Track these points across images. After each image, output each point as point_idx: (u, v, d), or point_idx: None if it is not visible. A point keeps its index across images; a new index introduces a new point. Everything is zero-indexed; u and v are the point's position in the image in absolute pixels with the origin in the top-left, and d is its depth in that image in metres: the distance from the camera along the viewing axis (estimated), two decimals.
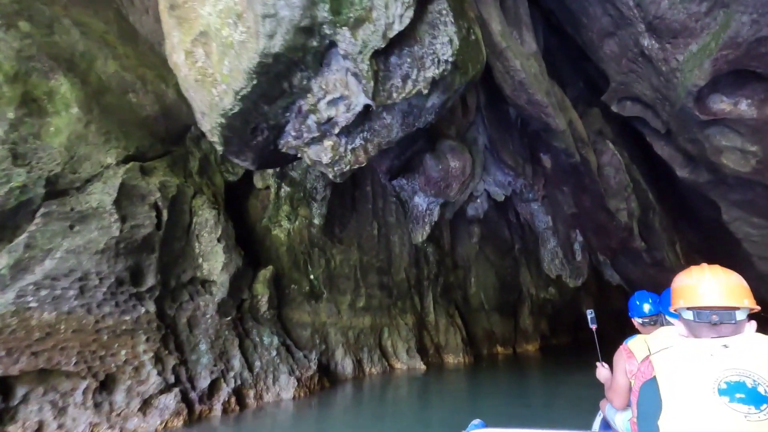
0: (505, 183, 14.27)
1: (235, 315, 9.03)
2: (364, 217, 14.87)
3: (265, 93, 4.86)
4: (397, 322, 14.50)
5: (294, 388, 9.05)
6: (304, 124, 5.37)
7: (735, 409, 1.34)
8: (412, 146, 9.81)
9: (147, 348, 6.92)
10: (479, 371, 14.69)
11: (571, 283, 16.13)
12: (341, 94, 5.05)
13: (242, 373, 8.44)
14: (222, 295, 8.72)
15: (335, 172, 5.86)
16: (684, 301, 1.69)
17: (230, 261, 9.01)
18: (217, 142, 5.48)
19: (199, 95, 5.02)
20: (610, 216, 13.34)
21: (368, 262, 14.41)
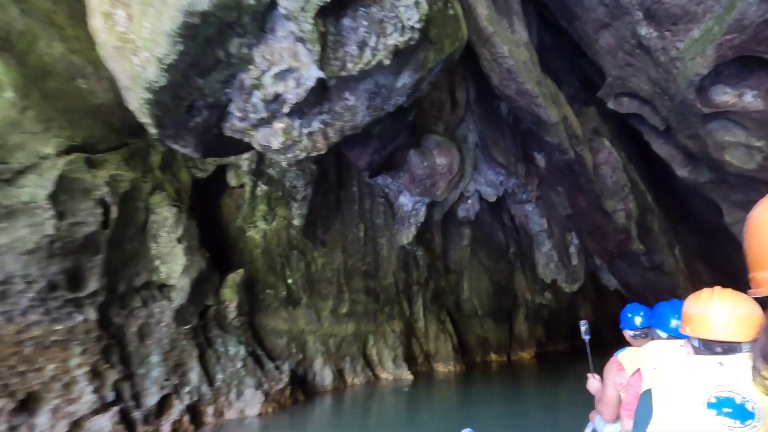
0: (496, 182, 13.40)
1: (197, 323, 8.13)
2: (350, 218, 14.00)
3: (196, 62, 4.03)
4: (383, 329, 13.60)
5: (261, 404, 8.14)
6: (248, 103, 4.53)
7: (721, 421, 1.39)
8: (393, 140, 8.96)
9: (82, 361, 6.03)
10: (470, 381, 13.75)
11: (567, 287, 15.23)
12: (289, 66, 4.21)
13: (200, 387, 7.54)
14: (181, 301, 7.83)
15: (289, 160, 5.01)
16: (691, 329, 1.68)
17: (192, 263, 8.13)
18: (149, 123, 4.65)
19: (120, 65, 4.18)
20: (606, 217, 12.45)
21: (353, 265, 13.53)
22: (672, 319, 2.57)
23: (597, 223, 12.89)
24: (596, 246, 13.48)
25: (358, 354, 12.29)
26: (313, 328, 11.31)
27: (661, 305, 2.74)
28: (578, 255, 14.84)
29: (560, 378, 15.45)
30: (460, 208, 14.31)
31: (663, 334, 2.59)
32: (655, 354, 2.25)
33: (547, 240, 15.51)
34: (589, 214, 13.12)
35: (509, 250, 20.11)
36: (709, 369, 1.50)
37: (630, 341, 3.15)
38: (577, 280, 15.06)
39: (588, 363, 3.69)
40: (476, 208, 14.43)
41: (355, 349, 12.22)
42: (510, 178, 13.07)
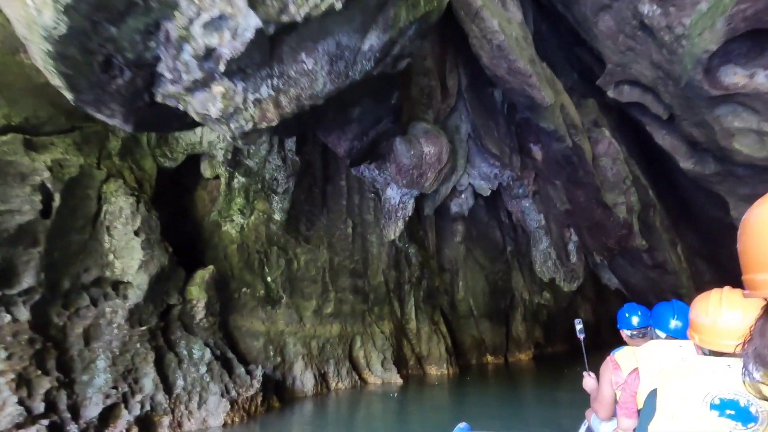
0: (490, 175, 12.54)
1: (156, 324, 7.30)
2: (337, 214, 13.16)
3: (103, 4, 3.24)
4: (372, 331, 12.75)
5: (226, 412, 7.29)
6: (179, 60, 3.72)
7: (723, 423, 1.39)
8: (376, 125, 8.13)
9: (6, 368, 5.20)
10: (463, 384, 12.88)
11: (565, 287, 14.37)
12: (221, 12, 3.39)
13: (155, 395, 6.69)
14: (137, 300, 6.99)
15: (234, 132, 4.18)
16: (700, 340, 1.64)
17: (151, 258, 7.30)
18: (61, 85, 3.83)
19: (13, 10, 3.38)
20: (607, 212, 11.59)
21: (340, 263, 12.69)
22: (672, 320, 2.54)
23: (596, 219, 12.02)
24: (596, 243, 12.61)
25: (344, 357, 11.43)
26: (294, 329, 10.46)
27: (661, 305, 2.71)
28: (577, 252, 13.97)
29: (558, 380, 14.56)
30: (453, 203, 13.45)
31: (662, 334, 2.56)
32: (654, 354, 2.23)
33: (545, 237, 14.65)
34: (588, 209, 12.25)
35: (506, 248, 19.25)
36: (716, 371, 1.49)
37: (627, 341, 3.09)
38: (576, 278, 14.19)
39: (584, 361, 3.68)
40: (470, 204, 13.57)
41: (340, 351, 11.36)
42: (504, 171, 12.22)
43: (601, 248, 12.50)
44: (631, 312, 3.14)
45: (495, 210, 19.31)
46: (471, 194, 13.49)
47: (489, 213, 18.97)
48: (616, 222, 11.45)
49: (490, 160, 11.94)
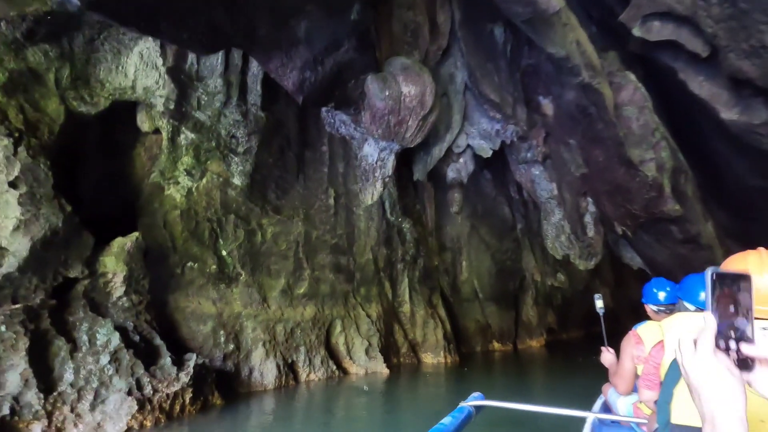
0: (491, 133, 10.43)
1: (43, 301, 5.55)
2: (317, 183, 11.25)
3: None
4: (356, 314, 10.87)
5: (132, 414, 5.51)
6: None
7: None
8: (334, 51, 6.17)
9: None
10: (459, 375, 10.92)
11: (581, 264, 12.22)
12: None
13: (23, 394, 4.94)
14: (10, 269, 5.27)
15: None
16: None
17: (35, 218, 5.52)
18: None
19: None
20: (632, 171, 9.41)
21: (319, 238, 10.80)
22: (702, 292, 2.31)
23: (619, 181, 9.83)
24: (618, 210, 10.42)
25: (318, 343, 9.57)
26: (254, 311, 8.63)
27: (691, 277, 2.47)
28: (594, 225, 11.79)
29: (572, 368, 12.50)
30: (450, 168, 11.39)
31: (691, 306, 2.37)
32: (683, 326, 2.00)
33: (557, 208, 12.50)
34: (608, 170, 10.07)
35: (516, 225, 17.10)
36: None
37: (651, 316, 2.95)
38: (594, 255, 12.02)
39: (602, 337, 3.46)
40: (469, 169, 11.49)
41: (314, 337, 9.50)
42: (508, 126, 10.09)
43: (623, 217, 10.31)
44: (659, 287, 2.96)
45: (503, 185, 17.17)
46: (471, 158, 11.40)
47: (496, 188, 16.84)
48: (643, 183, 9.26)
49: (489, 113, 9.82)
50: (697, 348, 0.78)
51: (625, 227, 10.49)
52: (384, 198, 12.64)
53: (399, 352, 11.73)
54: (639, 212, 9.81)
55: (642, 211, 9.74)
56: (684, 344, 0.80)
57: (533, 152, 11.71)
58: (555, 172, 12.36)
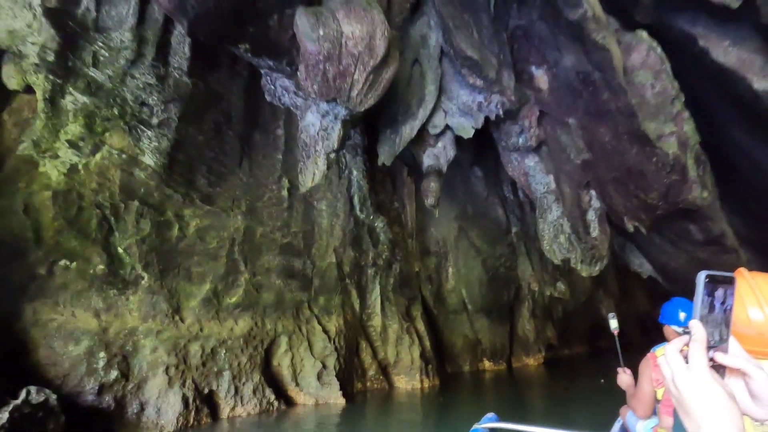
0: (473, 106, 8.19)
1: None
2: (268, 170, 9.10)
3: None
4: (310, 329, 8.63)
5: None
6: None
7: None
8: None
9: None
10: (435, 405, 8.60)
11: (584, 270, 9.91)
12: None
13: None
14: None
15: None
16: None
17: None
18: None
19: None
20: (647, 150, 7.17)
21: (266, 236, 8.62)
22: None
23: (630, 163, 7.55)
24: (629, 203, 8.14)
25: (251, 367, 7.30)
26: (158, 325, 6.39)
27: None
28: (599, 222, 9.49)
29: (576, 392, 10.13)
30: (427, 154, 9.18)
31: None
32: None
33: (555, 204, 10.22)
34: (616, 152, 7.81)
35: (510, 229, 14.83)
36: None
37: (671, 338, 2.63)
38: (599, 259, 9.70)
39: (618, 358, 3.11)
40: (449, 155, 9.24)
41: (246, 359, 7.23)
42: (492, 96, 7.85)
43: (636, 210, 8.02)
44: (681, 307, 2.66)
45: (496, 184, 14.95)
46: (451, 143, 9.17)
47: (488, 187, 14.62)
48: (662, 163, 6.99)
49: (469, 80, 7.61)
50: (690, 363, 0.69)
51: (638, 222, 8.17)
52: (353, 191, 10.46)
53: (365, 375, 9.42)
54: (656, 202, 7.51)
55: (660, 200, 7.44)
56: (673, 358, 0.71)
57: (525, 136, 9.49)
58: (551, 162, 10.12)
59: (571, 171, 9.57)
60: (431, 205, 8.80)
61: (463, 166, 14.04)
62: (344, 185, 10.29)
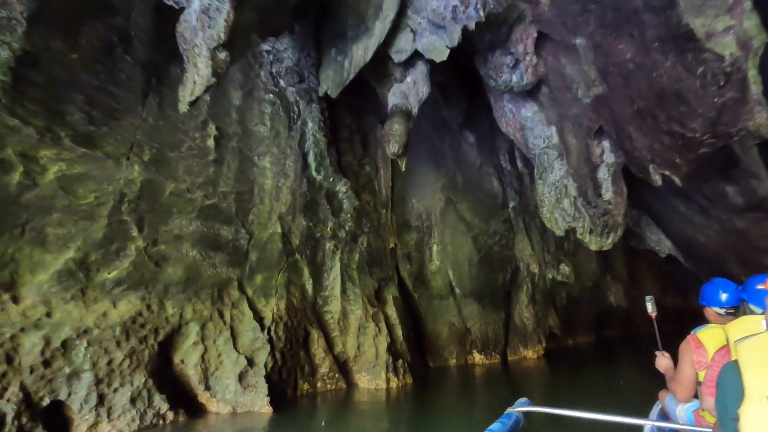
0: (445, 14, 5.70)
1: None
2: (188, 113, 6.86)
3: None
4: (236, 314, 6.39)
5: None
6: None
7: None
8: None
9: None
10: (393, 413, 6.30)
11: (593, 242, 7.45)
12: None
13: None
14: None
15: None
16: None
17: None
18: None
19: None
20: (689, 58, 4.73)
21: (179, 194, 6.36)
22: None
23: (662, 84, 5.07)
24: (657, 143, 5.67)
25: (134, 365, 5.05)
26: None
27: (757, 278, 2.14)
28: (614, 180, 7.04)
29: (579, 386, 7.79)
30: (392, 91, 6.80)
31: (758, 309, 2.06)
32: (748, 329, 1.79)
33: (557, 161, 7.80)
34: (642, 72, 5.33)
35: (507, 203, 12.42)
36: None
37: (714, 319, 2.53)
38: (613, 228, 7.25)
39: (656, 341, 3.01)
40: (422, 93, 6.81)
41: (124, 356, 5.00)
42: None
43: (668, 152, 5.54)
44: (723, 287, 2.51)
45: (491, 151, 12.52)
46: (423, 76, 6.76)
47: (482, 155, 12.21)
48: (712, 74, 4.51)
49: None
50: None
51: (669, 170, 5.69)
52: (307, 147, 8.14)
53: (315, 373, 7.15)
54: (699, 135, 5.03)
55: (706, 131, 4.96)
56: None
57: (521, 70, 7.06)
58: (553, 107, 7.69)
59: (579, 114, 7.13)
60: (394, 154, 6.44)
61: (452, 129, 11.65)
62: (295, 138, 7.98)
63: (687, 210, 8.81)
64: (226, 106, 7.29)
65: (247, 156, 7.38)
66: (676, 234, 10.03)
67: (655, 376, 3.00)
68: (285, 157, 7.77)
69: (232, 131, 7.25)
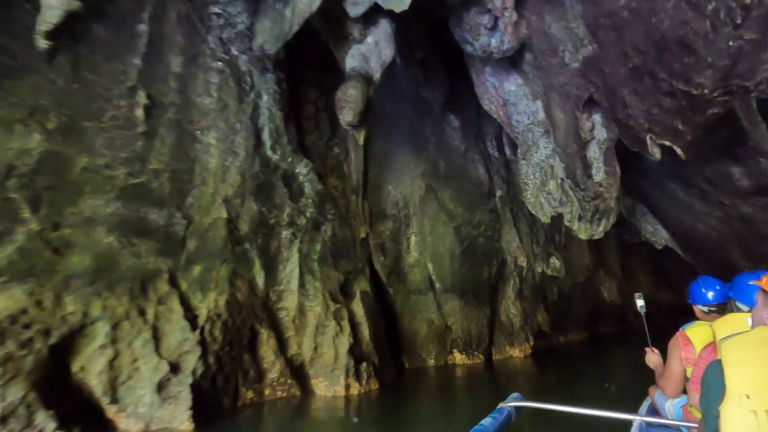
0: None
1: None
2: (111, 77, 5.75)
3: None
4: (163, 313, 5.32)
5: None
6: None
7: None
8: None
9: None
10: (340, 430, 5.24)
11: (582, 231, 6.31)
12: None
13: None
14: None
15: None
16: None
17: None
18: None
19: None
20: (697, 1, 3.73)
21: (96, 169, 5.25)
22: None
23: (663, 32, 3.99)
24: (656, 107, 4.53)
25: (8, 377, 4.05)
26: None
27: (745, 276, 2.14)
28: (606, 158, 5.92)
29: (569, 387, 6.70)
30: (351, 53, 5.67)
31: (744, 307, 2.04)
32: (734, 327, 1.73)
33: (543, 138, 6.71)
34: (638, 20, 4.22)
35: (494, 192, 11.35)
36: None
37: (701, 317, 2.54)
38: (605, 213, 6.14)
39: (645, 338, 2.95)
40: (385, 56, 5.62)
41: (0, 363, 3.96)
42: None
43: (669, 116, 4.40)
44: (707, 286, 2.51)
45: (477, 137, 11.44)
46: (387, 36, 5.63)
47: (467, 140, 11.13)
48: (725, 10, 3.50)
49: None
50: None
51: (671, 140, 4.60)
52: (261, 122, 7.05)
53: (262, 379, 6.08)
54: (709, 91, 3.90)
55: (716, 85, 3.82)
56: None
57: (500, 33, 5.96)
58: (538, 77, 6.58)
59: (566, 83, 6.03)
60: (349, 124, 5.35)
61: (434, 112, 10.56)
62: (246, 112, 6.88)
63: (686, 196, 7.73)
64: (162, 72, 6.20)
65: (187, 130, 6.29)
66: (674, 223, 8.95)
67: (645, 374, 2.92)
68: (234, 132, 6.68)
69: (169, 101, 6.16)
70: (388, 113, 10.12)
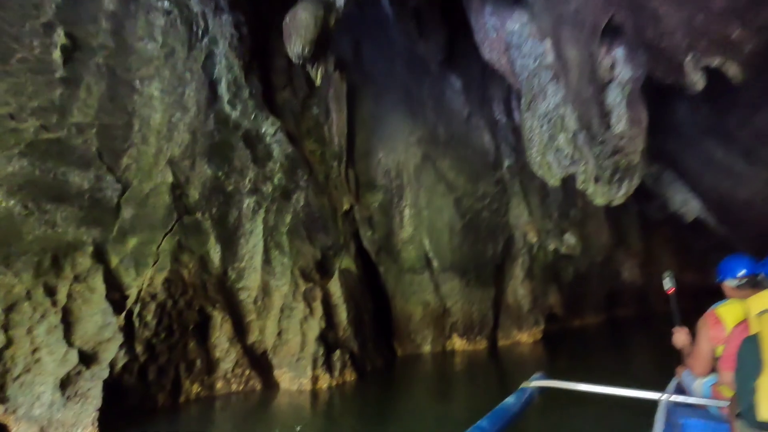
0: None
1: None
2: (20, 12, 4.65)
3: None
4: (79, 293, 4.35)
5: None
6: None
7: None
8: None
9: None
10: None
11: (599, 194, 5.01)
12: None
13: None
14: None
15: None
16: None
17: None
18: None
19: None
20: None
21: None
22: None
23: None
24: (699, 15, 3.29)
25: None
26: None
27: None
28: (629, 103, 4.58)
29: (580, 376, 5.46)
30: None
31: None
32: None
33: (552, 83, 5.37)
34: None
35: (501, 161, 9.98)
36: None
37: (731, 293, 2.38)
38: (627, 172, 4.83)
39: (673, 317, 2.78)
40: None
41: None
42: None
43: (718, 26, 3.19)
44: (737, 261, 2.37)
45: (483, 101, 10.04)
46: None
47: (471, 104, 9.75)
48: None
49: None
50: None
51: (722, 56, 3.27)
52: (216, 73, 5.89)
53: (213, 370, 5.07)
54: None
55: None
56: None
57: None
58: (547, 7, 5.21)
59: (581, 8, 4.65)
60: (299, 56, 4.17)
61: (432, 71, 9.25)
62: (198, 61, 5.72)
63: (726, 156, 6.27)
64: (92, 10, 5.08)
65: (123, 79, 5.18)
66: (710, 190, 7.50)
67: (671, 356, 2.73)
68: (183, 84, 5.54)
69: (98, 44, 5.04)
70: (378, 73, 8.85)
